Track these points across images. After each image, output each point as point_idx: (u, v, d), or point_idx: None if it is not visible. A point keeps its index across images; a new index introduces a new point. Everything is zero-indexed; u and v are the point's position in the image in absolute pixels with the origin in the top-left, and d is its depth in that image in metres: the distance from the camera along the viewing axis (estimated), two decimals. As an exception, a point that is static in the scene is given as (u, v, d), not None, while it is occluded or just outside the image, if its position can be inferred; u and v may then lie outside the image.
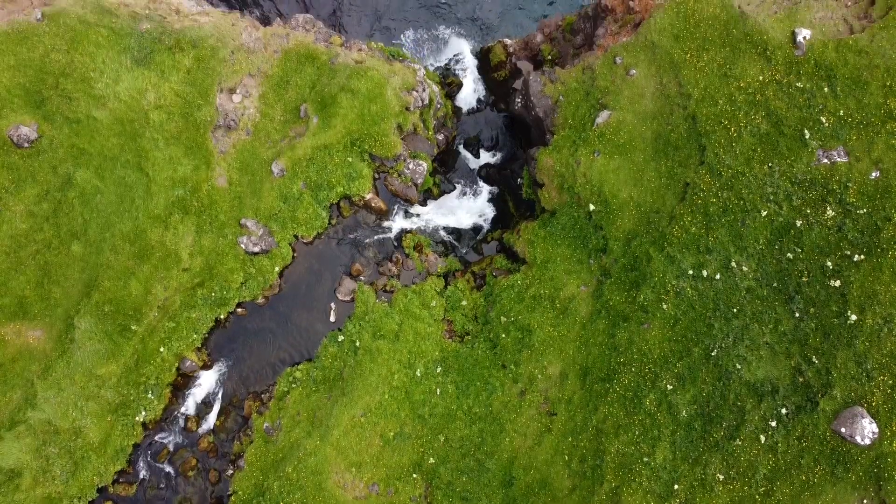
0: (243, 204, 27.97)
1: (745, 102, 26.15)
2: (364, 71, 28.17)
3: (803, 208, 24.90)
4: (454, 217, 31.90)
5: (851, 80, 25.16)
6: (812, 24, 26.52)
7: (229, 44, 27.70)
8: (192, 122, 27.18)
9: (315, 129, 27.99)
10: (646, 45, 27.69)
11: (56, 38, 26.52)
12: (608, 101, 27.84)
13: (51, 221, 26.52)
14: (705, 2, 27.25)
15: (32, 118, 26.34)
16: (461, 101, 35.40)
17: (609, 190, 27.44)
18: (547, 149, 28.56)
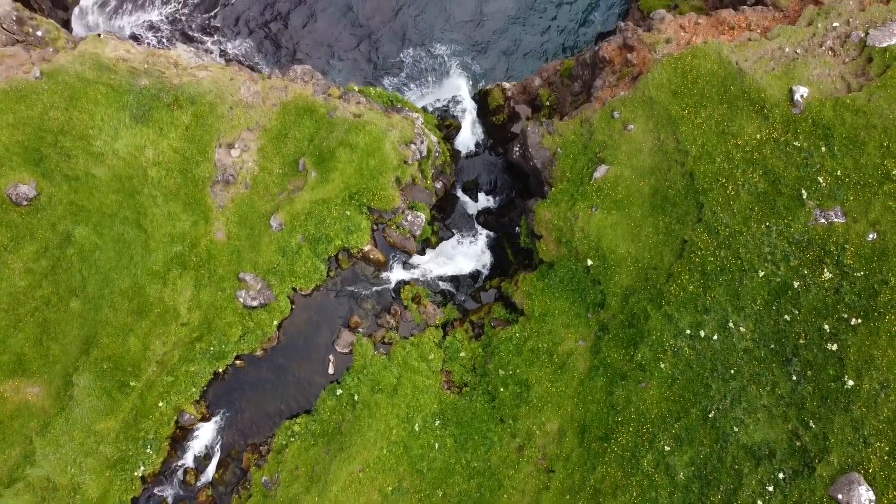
0: (242, 258, 28.00)
1: (743, 160, 26.21)
2: (362, 125, 28.22)
3: (800, 269, 24.94)
4: (452, 265, 31.97)
5: (849, 140, 25.22)
6: (809, 81, 26.58)
7: (228, 99, 27.74)
8: (190, 178, 27.22)
9: (313, 183, 28.03)
10: (644, 100, 27.73)
11: (55, 95, 26.57)
12: (606, 156, 27.89)
13: (49, 278, 26.55)
14: (703, 58, 27.31)
15: (31, 176, 26.38)
16: (459, 143, 35.47)
17: (607, 245, 27.48)
18: (545, 201, 28.60)
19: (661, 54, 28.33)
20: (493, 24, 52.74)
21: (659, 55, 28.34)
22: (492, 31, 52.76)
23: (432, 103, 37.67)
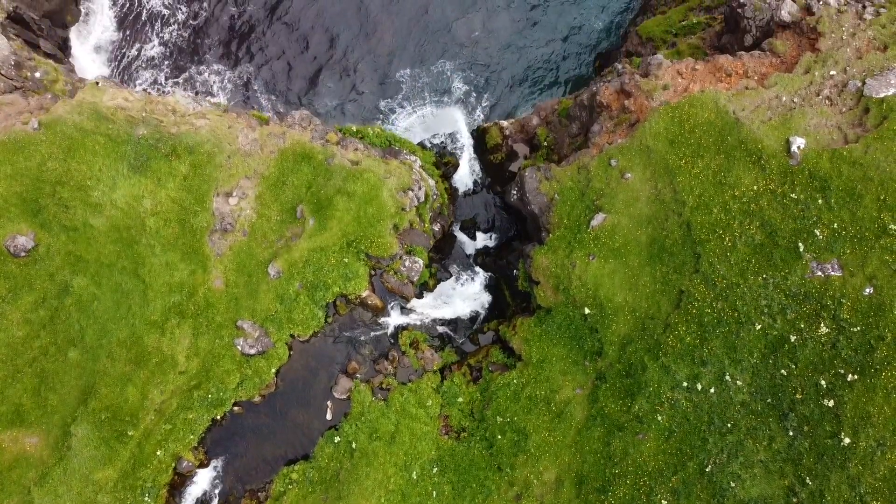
0: (240, 305, 28.04)
1: (740, 212, 26.25)
2: (360, 173, 28.26)
3: (797, 322, 24.99)
4: (450, 307, 32.04)
5: (846, 193, 25.28)
6: (806, 131, 26.62)
7: (226, 148, 27.79)
8: (188, 228, 27.27)
9: (311, 231, 28.08)
10: (641, 149, 27.77)
11: (53, 146, 26.62)
12: (603, 204, 27.92)
13: (48, 329, 26.60)
14: (700, 107, 27.35)
15: (29, 227, 26.41)
16: (457, 181, 35.52)
17: (604, 294, 27.51)
18: (542, 248, 28.64)
19: (659, 101, 28.36)
20: (493, 46, 53.40)
21: (656, 102, 28.38)
22: (491, 54, 53.41)
23: (430, 139, 37.73)
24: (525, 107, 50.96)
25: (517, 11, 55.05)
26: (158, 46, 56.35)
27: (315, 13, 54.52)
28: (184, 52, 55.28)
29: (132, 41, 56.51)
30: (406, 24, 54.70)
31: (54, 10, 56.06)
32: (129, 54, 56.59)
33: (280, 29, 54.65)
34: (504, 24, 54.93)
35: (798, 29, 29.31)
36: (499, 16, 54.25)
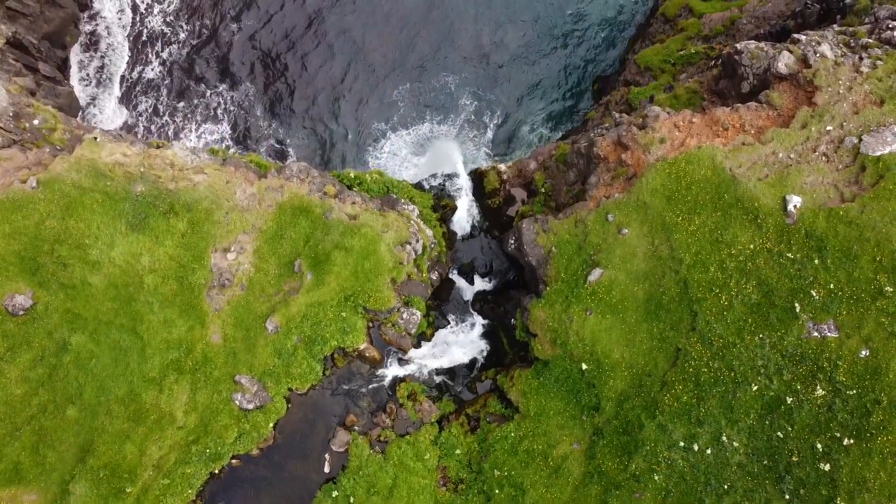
0: (238, 359, 28.10)
1: (737, 270, 26.30)
2: (358, 228, 28.33)
3: (794, 384, 25.05)
4: (448, 356, 32.10)
5: (842, 253, 25.33)
6: (803, 189, 26.68)
7: (223, 205, 27.85)
8: (186, 285, 27.33)
9: (309, 286, 28.13)
10: (638, 204, 27.83)
11: (51, 204, 26.68)
12: (600, 259, 27.98)
13: (46, 386, 26.64)
14: (697, 163, 27.41)
15: (28, 285, 26.47)
16: (455, 224, 35.60)
17: (601, 349, 27.57)
18: (540, 301, 28.69)
19: (656, 156, 28.42)
20: (489, 69, 54.43)
21: (653, 157, 28.44)
22: (491, 75, 54.37)
23: (428, 179, 37.81)
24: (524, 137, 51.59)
25: (516, 31, 56.03)
26: (158, 67, 56.65)
27: (316, 32, 55.09)
28: (184, 72, 55.62)
29: (132, 64, 56.76)
30: (408, 44, 55.48)
31: (54, 31, 56.30)
32: (130, 77, 56.92)
33: (281, 48, 55.20)
34: (503, 46, 55.74)
35: (795, 81, 29.38)
36: (500, 34, 55.04)
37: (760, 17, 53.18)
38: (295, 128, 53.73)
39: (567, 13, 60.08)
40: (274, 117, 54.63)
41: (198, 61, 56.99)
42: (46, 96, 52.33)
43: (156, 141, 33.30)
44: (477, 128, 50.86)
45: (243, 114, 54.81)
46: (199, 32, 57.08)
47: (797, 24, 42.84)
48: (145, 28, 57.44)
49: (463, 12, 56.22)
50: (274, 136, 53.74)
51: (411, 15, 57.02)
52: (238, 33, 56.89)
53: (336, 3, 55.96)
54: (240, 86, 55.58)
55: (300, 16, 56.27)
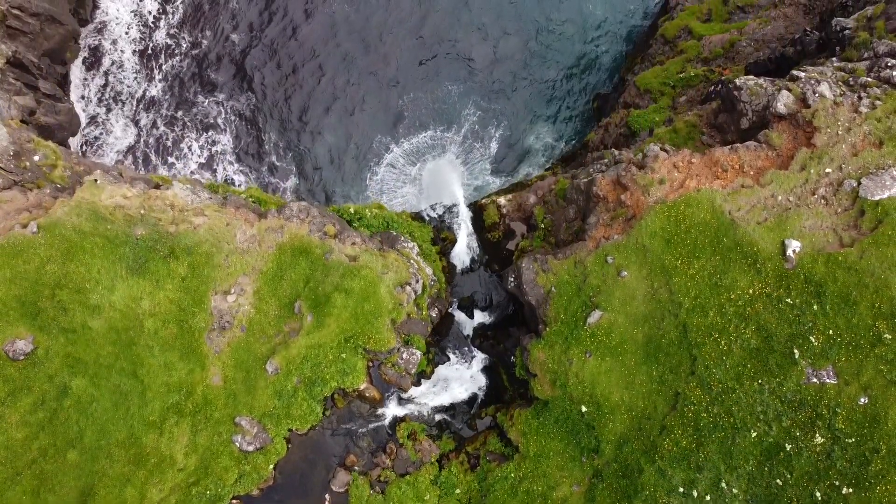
0: (238, 401, 28.15)
1: (736, 315, 26.35)
2: (358, 270, 28.39)
3: (792, 430, 25.10)
4: (448, 393, 32.16)
5: (841, 299, 25.38)
6: (802, 233, 26.72)
7: (224, 248, 27.91)
8: (186, 328, 27.38)
9: (309, 328, 28.19)
10: (637, 247, 27.88)
11: (52, 249, 26.72)
12: (600, 301, 28.03)
13: (47, 430, 26.69)
14: (696, 206, 27.46)
15: (28, 330, 26.51)
16: (455, 257, 35.67)
17: (601, 392, 27.63)
18: (539, 342, 28.75)
19: (655, 198, 28.47)
20: (489, 82, 55.48)
21: (652, 198, 28.48)
22: (493, 90, 55.33)
23: (428, 210, 37.86)
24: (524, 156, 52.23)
25: (515, 44, 57.03)
26: (161, 81, 56.89)
27: (318, 44, 55.75)
28: (186, 84, 55.93)
29: (137, 78, 57.01)
30: (410, 55, 56.37)
31: (54, 48, 56.44)
32: (134, 91, 57.13)
33: (283, 59, 55.78)
34: (503, 58, 56.58)
35: (794, 121, 29.43)
36: (501, 47, 56.02)
37: (760, 39, 53.29)
38: (295, 139, 54.32)
39: (566, 27, 61.01)
40: (274, 128, 55.23)
41: (199, 73, 57.46)
42: (47, 114, 52.45)
43: (156, 177, 33.38)
44: (479, 139, 51.90)
45: (244, 125, 55.29)
46: (201, 44, 57.52)
47: (796, 51, 42.90)
48: (151, 42, 57.81)
49: (464, 24, 57.11)
50: (274, 150, 54.20)
51: (413, 26, 57.88)
52: (239, 45, 57.41)
53: (338, 16, 56.67)
54: (241, 97, 56.00)
55: (302, 28, 57.04)
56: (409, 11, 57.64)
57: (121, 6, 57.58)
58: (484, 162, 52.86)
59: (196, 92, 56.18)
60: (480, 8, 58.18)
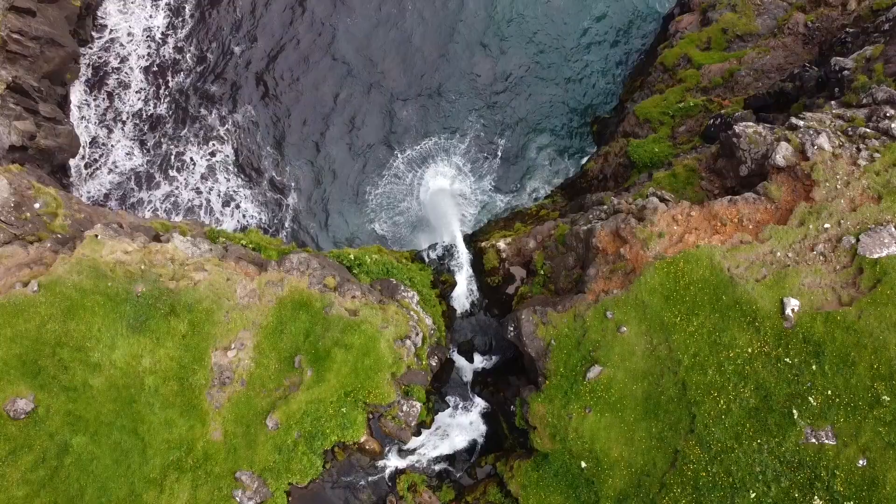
0: (238, 456, 28.22)
1: (735, 373, 26.43)
2: (357, 324, 28.47)
3: (791, 491, 25.17)
4: (448, 442, 32.25)
5: (839, 359, 25.45)
6: (800, 291, 26.79)
7: (224, 304, 27.98)
8: (186, 385, 27.46)
9: (309, 382, 28.27)
10: (636, 303, 27.95)
11: (52, 307, 26.80)
12: (599, 356, 28.11)
13: (47, 488, 26.76)
14: (695, 263, 27.54)
15: (29, 388, 26.60)
16: (455, 301, 35.73)
17: (600, 447, 27.70)
18: (539, 395, 28.84)
19: (654, 252, 28.54)
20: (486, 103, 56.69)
21: (651, 253, 28.56)
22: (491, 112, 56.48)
23: (428, 251, 37.97)
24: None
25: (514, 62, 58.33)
26: (166, 97, 57.22)
27: (321, 58, 56.74)
28: (189, 98, 56.37)
29: (141, 94, 57.35)
30: (413, 70, 57.53)
31: (54, 70, 56.57)
32: (132, 111, 57.41)
33: (285, 72, 56.82)
34: (506, 75, 57.76)
35: (793, 173, 29.50)
36: (502, 64, 57.37)
37: (759, 69, 53.38)
38: (296, 153, 55.24)
39: (568, 45, 62.17)
40: (275, 142, 56.11)
41: (202, 87, 58.09)
42: (47, 137, 52.59)
43: (156, 223, 33.47)
44: (482, 154, 52.81)
45: (246, 139, 55.95)
46: (206, 57, 58.15)
47: (795, 86, 43.01)
48: (158, 57, 58.27)
49: (466, 42, 58.11)
50: (275, 164, 54.84)
51: (416, 43, 58.87)
52: (242, 58, 58.16)
53: (340, 31, 57.56)
54: (243, 111, 56.65)
55: (304, 42, 57.72)
56: (410, 30, 58.46)
57: (133, 21, 57.92)
58: (487, 179, 53.65)
59: (198, 106, 56.67)
60: (481, 27, 59.21)
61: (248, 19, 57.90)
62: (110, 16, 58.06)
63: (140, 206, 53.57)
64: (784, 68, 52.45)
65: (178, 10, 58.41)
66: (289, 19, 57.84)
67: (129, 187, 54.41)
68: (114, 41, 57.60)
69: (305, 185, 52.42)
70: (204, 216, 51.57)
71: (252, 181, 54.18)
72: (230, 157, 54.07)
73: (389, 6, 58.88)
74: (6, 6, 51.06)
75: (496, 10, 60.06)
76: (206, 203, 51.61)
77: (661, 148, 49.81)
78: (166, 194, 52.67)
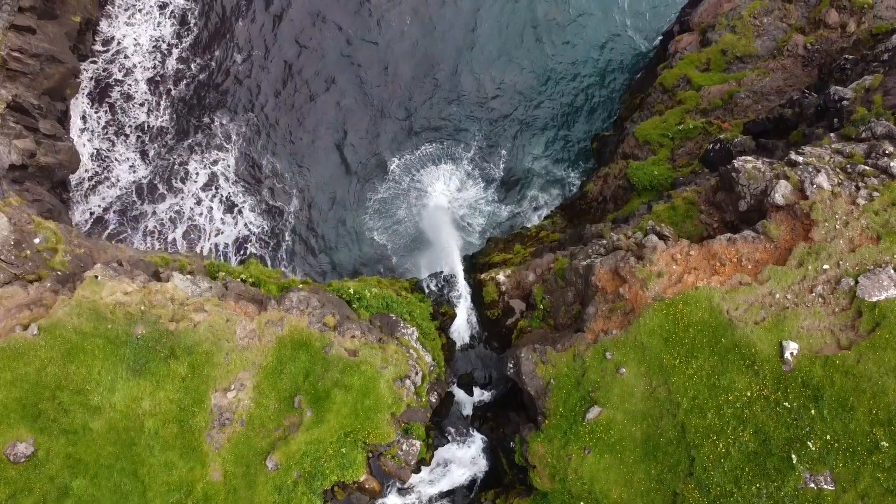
0: (238, 496, 28.24)
1: (734, 417, 26.46)
2: (357, 365, 28.51)
3: (791, 538, 25.23)
4: (448, 478, 32.30)
5: (838, 404, 25.49)
6: (799, 333, 26.82)
7: (224, 346, 28.02)
8: (187, 427, 27.49)
9: (309, 423, 28.30)
10: (636, 344, 27.99)
11: (52, 351, 26.84)
12: (599, 397, 28.14)
13: (48, 531, 26.80)
14: (694, 305, 27.56)
15: (29, 432, 26.63)
16: (454, 333, 35.77)
17: (600, 489, 27.74)
18: (538, 435, 28.87)
19: (653, 292, 28.56)
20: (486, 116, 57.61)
21: (651, 293, 28.58)
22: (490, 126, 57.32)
23: (428, 281, 38.03)
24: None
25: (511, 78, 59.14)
26: (165, 110, 57.54)
27: (321, 69, 57.69)
28: (190, 109, 56.85)
29: (139, 109, 57.66)
30: (414, 81, 58.53)
31: (54, 86, 56.74)
32: (135, 123, 57.68)
33: (286, 83, 57.75)
34: (505, 90, 58.66)
35: (792, 212, 29.51)
36: (500, 79, 58.30)
37: (758, 91, 53.40)
38: (296, 162, 55.92)
39: (568, 61, 62.99)
40: (276, 150, 56.75)
41: (204, 96, 58.51)
42: (47, 154, 52.69)
43: (156, 257, 33.49)
44: (483, 164, 53.36)
45: (247, 147, 56.56)
46: (209, 66, 58.55)
47: (795, 113, 43.06)
48: (163, 68, 58.64)
49: (469, 53, 58.84)
50: (276, 172, 55.38)
51: (420, 53, 59.62)
52: (244, 67, 58.77)
53: (342, 41, 58.27)
54: (244, 119, 57.08)
55: (306, 52, 58.97)
56: (412, 44, 59.18)
57: (141, 32, 58.21)
58: (488, 189, 54.14)
59: (200, 116, 57.22)
60: (485, 38, 60.05)
61: (251, 29, 58.51)
62: (118, 28, 58.28)
63: (142, 218, 53.92)
64: (783, 91, 52.46)
65: (182, 20, 58.96)
66: (295, 30, 58.57)
67: (130, 200, 54.73)
68: (119, 52, 57.86)
69: (306, 192, 53.21)
70: (205, 222, 52.08)
71: (253, 189, 54.73)
72: (232, 165, 54.54)
73: (396, 20, 59.75)
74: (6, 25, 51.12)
75: (504, 27, 61.14)
76: (209, 212, 52.05)
77: (661, 171, 49.82)
78: (169, 205, 53.05)
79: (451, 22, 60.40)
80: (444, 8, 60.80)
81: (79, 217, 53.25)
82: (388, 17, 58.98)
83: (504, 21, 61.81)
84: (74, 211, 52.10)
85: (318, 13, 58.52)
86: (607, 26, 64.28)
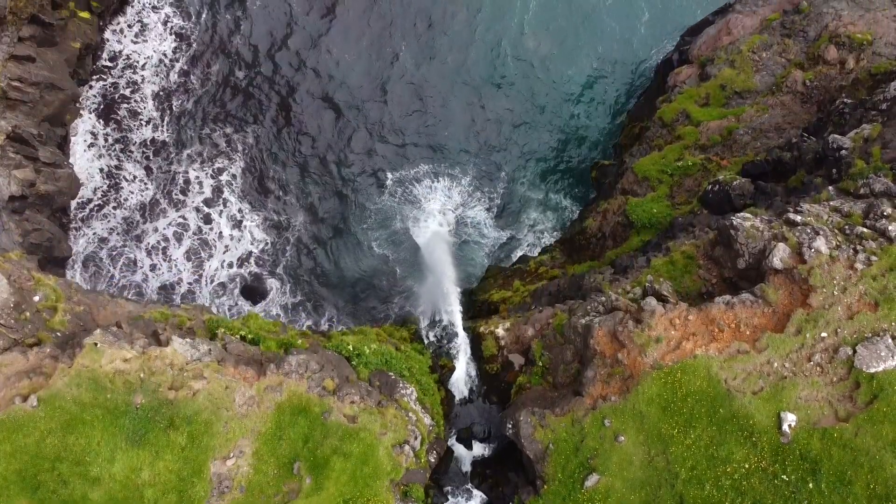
0: (238, 563, 28.31)
1: (732, 489, 26.52)
2: (356, 432, 28.57)
3: None
4: (447, 539, 32.46)
5: (836, 478, 25.55)
6: (797, 404, 26.89)
7: (223, 414, 28.06)
8: (186, 497, 27.51)
9: (308, 490, 28.35)
10: (634, 413, 28.05)
11: (51, 422, 26.86)
12: (597, 465, 28.21)
13: None
14: (692, 374, 27.64)
15: (29, 503, 26.66)
16: (454, 386, 35.86)
17: (598, 557, 27.83)
18: (537, 501, 28.94)
19: (652, 359, 28.63)
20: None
21: (649, 359, 28.65)
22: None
23: (427, 329, 38.11)
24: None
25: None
26: (167, 125, 57.82)
27: (324, 84, 58.48)
28: (193, 123, 57.23)
29: (142, 126, 58.01)
30: (418, 100, 59.13)
31: (53, 113, 56.83)
32: (137, 141, 57.97)
33: (288, 97, 58.61)
34: (503, 118, 59.52)
35: (790, 276, 29.57)
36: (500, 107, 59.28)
37: (757, 128, 53.48)
38: (300, 174, 56.87)
39: (566, 89, 63.96)
40: (280, 163, 57.33)
41: (206, 110, 58.94)
42: (46, 182, 52.73)
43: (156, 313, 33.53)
44: (484, 189, 53.97)
45: (251, 160, 57.29)
46: (209, 79, 59.02)
47: (793, 156, 43.16)
48: (166, 83, 59.00)
49: (469, 78, 59.34)
50: (280, 185, 55.84)
51: (421, 73, 60.33)
52: (245, 80, 59.48)
53: (342, 57, 59.13)
54: (248, 133, 57.75)
55: (308, 66, 59.44)
56: (413, 64, 59.86)
57: (148, 48, 58.51)
58: (488, 215, 54.56)
59: (203, 131, 57.63)
60: (483, 70, 60.87)
61: (254, 42, 59.18)
62: (126, 45, 58.49)
63: (144, 235, 54.33)
64: (782, 127, 52.54)
65: (184, 36, 59.50)
66: (299, 42, 59.20)
67: (134, 220, 55.09)
68: (125, 69, 58.24)
69: (311, 204, 53.84)
70: (209, 233, 52.62)
71: (258, 204, 55.14)
72: (236, 180, 55.04)
73: (393, 40, 60.52)
74: (6, 56, 51.18)
75: (500, 54, 62.13)
76: (215, 229, 52.54)
77: (660, 208, 49.92)
78: (172, 222, 53.44)
79: (448, 49, 60.98)
80: (443, 37, 61.25)
81: (81, 245, 53.72)
82: (384, 39, 59.65)
83: (501, 49, 62.28)
84: (74, 282, 52.32)
85: (319, 36, 59.04)
86: (605, 50, 64.74)
